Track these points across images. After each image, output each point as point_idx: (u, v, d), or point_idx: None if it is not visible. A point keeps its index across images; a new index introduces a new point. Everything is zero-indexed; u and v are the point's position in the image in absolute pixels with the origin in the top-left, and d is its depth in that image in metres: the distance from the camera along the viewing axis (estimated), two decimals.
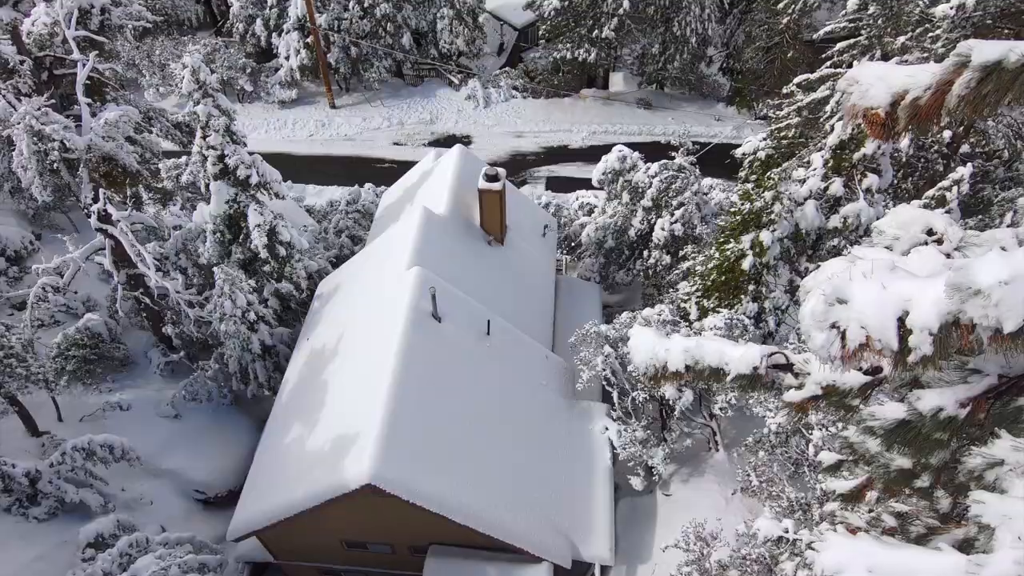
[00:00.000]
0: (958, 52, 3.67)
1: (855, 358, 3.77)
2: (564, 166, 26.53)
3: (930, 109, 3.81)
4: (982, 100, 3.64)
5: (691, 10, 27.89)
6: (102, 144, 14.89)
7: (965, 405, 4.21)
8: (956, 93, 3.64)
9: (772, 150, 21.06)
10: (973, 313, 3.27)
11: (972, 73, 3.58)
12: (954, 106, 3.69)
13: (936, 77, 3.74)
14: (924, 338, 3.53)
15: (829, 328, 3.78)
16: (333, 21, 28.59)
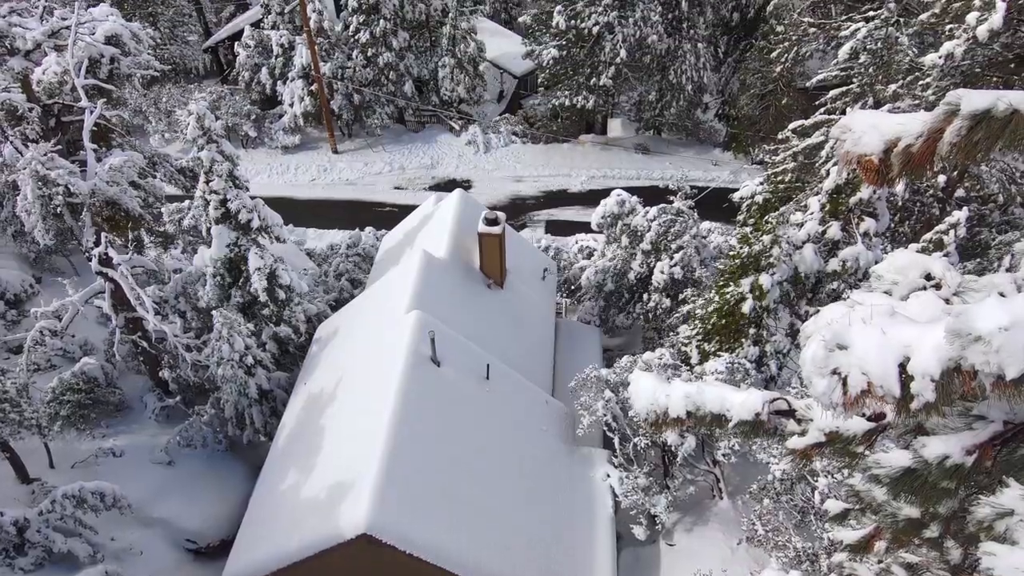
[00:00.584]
0: (948, 101, 3.73)
1: (857, 404, 3.72)
2: (563, 210, 26.79)
3: (923, 156, 3.86)
4: (973, 147, 3.69)
5: (686, 59, 28.59)
6: (106, 189, 15.06)
7: (971, 452, 4.13)
8: (948, 140, 3.69)
9: (769, 194, 21.31)
10: (974, 359, 3.25)
11: (962, 121, 3.64)
12: (946, 153, 3.73)
13: (927, 125, 3.79)
14: (926, 384, 3.50)
15: (830, 374, 3.74)
16: (337, 69, 29.28)
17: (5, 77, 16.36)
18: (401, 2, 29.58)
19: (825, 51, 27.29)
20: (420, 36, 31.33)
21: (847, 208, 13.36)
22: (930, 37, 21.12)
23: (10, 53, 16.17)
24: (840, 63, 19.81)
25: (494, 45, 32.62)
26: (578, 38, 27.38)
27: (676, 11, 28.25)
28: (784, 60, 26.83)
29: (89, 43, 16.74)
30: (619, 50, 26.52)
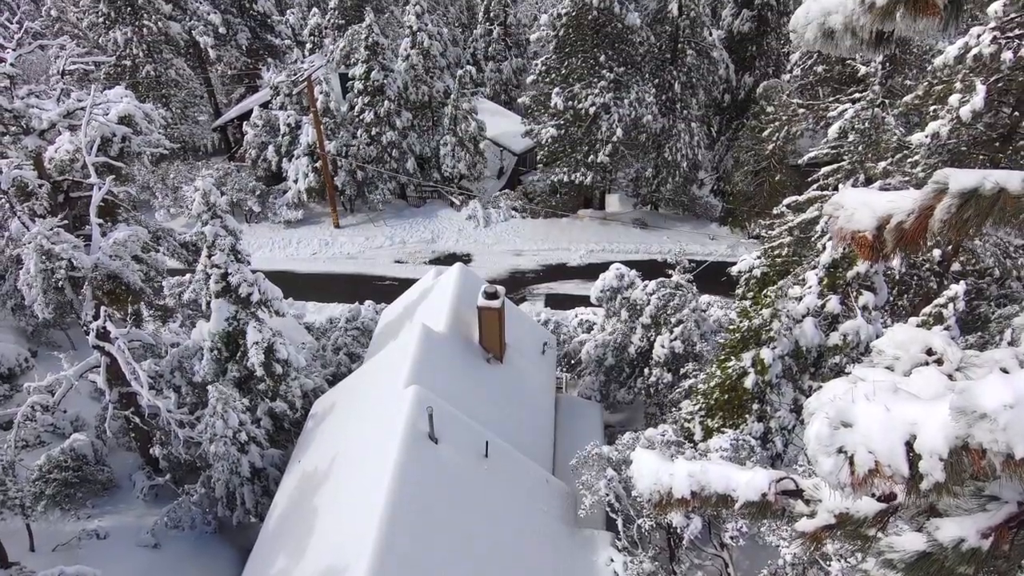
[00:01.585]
0: (936, 179, 3.80)
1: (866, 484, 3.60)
2: (563, 284, 26.95)
3: (915, 232, 3.89)
4: (964, 224, 3.73)
5: (681, 137, 29.50)
6: (109, 263, 15.19)
7: (987, 535, 3.97)
8: (939, 218, 3.73)
9: (767, 268, 21.48)
10: (982, 438, 3.17)
11: (951, 199, 3.69)
12: (938, 230, 3.76)
13: (918, 203, 3.85)
14: (935, 464, 3.40)
15: (836, 453, 3.65)
16: (342, 147, 30.15)
17: (19, 155, 16.80)
18: (405, 84, 30.80)
19: (815, 130, 28.21)
20: (423, 116, 32.45)
21: (845, 282, 13.43)
22: (915, 117, 21.85)
23: (25, 132, 16.66)
24: (830, 142, 20.40)
25: (494, 124, 33.73)
26: (576, 118, 28.34)
27: (669, 92, 29.38)
28: (775, 139, 27.69)
29: (102, 123, 17.28)
30: (615, 129, 27.40)
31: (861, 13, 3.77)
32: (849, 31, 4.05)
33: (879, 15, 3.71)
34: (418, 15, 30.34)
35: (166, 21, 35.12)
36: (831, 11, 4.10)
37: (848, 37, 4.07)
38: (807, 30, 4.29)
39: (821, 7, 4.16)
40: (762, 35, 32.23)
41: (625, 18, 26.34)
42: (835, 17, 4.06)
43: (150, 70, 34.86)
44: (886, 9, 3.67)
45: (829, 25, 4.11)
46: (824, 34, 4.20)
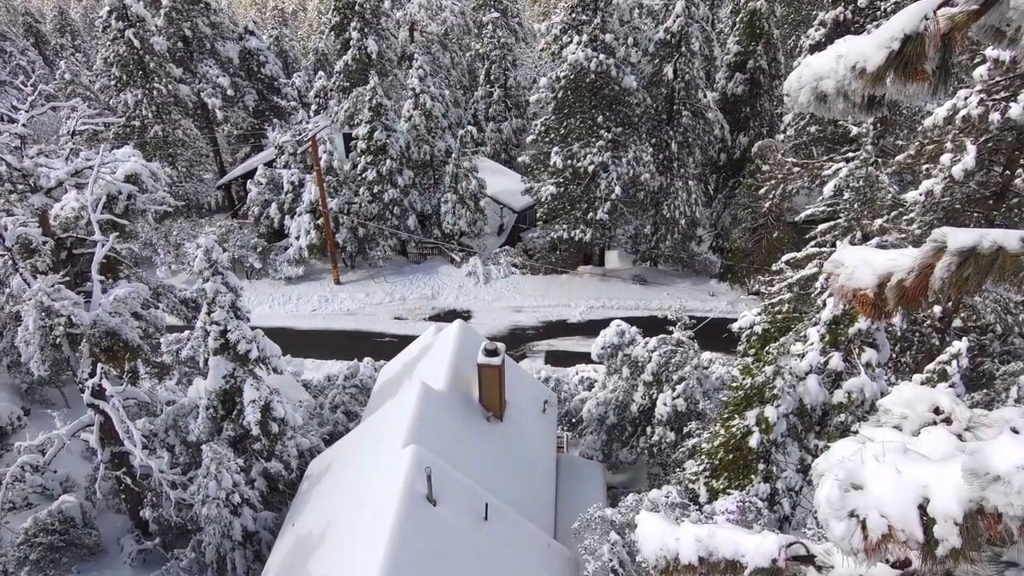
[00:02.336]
0: (934, 238, 3.81)
1: (879, 550, 3.49)
2: (563, 340, 26.84)
3: (916, 290, 3.88)
4: (965, 282, 3.72)
5: (679, 195, 29.94)
6: (108, 320, 15.15)
7: None
8: (939, 276, 3.73)
9: (768, 324, 21.42)
10: (996, 501, 3.08)
11: (951, 258, 3.70)
12: (939, 288, 3.76)
13: (917, 261, 3.85)
14: (950, 528, 3.29)
15: (847, 517, 3.54)
16: (344, 205, 30.57)
17: (25, 212, 16.99)
18: (407, 144, 31.47)
19: (810, 188, 28.67)
20: (424, 174, 33.03)
21: (847, 339, 13.36)
22: (908, 175, 22.22)
23: (33, 190, 16.90)
24: (826, 199, 20.68)
25: (494, 182, 34.29)
26: (575, 176, 28.83)
27: (667, 151, 30.00)
28: (772, 196, 28.10)
29: (109, 181, 17.55)
30: (614, 187, 27.83)
31: (852, 79, 3.86)
32: (841, 95, 4.14)
33: (870, 81, 3.80)
34: (421, 78, 31.27)
35: (176, 84, 36.17)
36: (823, 76, 4.19)
37: (840, 101, 4.16)
38: (800, 94, 4.39)
39: (813, 72, 4.26)
40: (755, 97, 33.14)
41: (622, 81, 27.13)
42: (827, 82, 4.16)
43: (158, 130, 35.69)
44: (876, 75, 3.75)
45: (822, 89, 4.21)
46: (817, 98, 4.29)
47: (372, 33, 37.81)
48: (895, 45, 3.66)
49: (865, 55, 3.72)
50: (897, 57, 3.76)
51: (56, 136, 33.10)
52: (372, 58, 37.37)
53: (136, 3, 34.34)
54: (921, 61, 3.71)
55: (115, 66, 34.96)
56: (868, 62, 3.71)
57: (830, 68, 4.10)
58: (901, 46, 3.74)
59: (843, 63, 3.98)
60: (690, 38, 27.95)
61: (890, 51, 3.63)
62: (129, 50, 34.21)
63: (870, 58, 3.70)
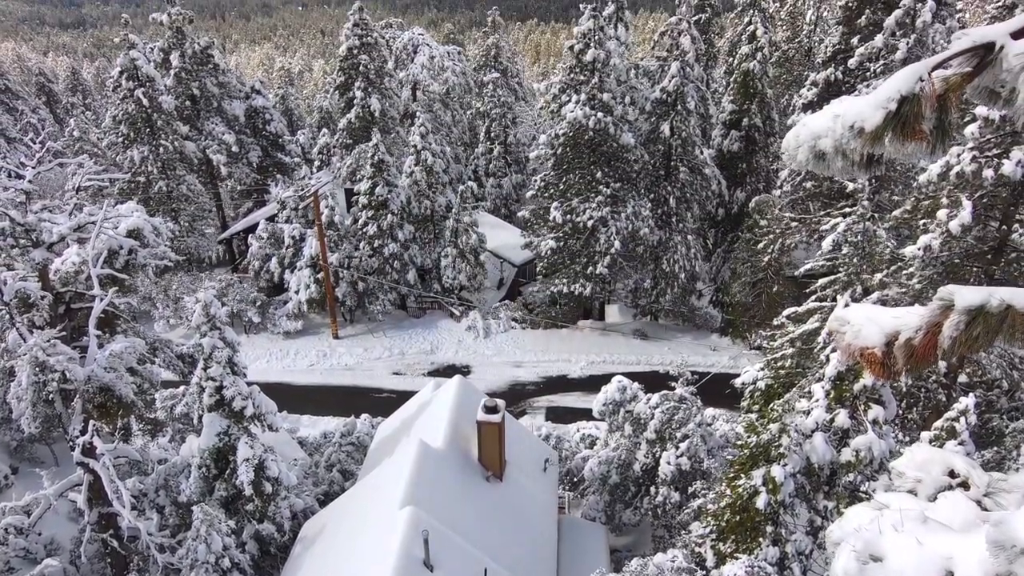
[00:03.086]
0: (941, 296, 3.74)
1: None
2: (564, 396, 26.48)
3: (925, 349, 3.78)
4: (974, 341, 3.62)
5: (678, 249, 30.09)
6: (102, 375, 14.95)
7: None
8: (947, 335, 3.64)
9: (771, 380, 21.15)
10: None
11: (959, 316, 3.61)
12: (948, 347, 3.66)
13: (924, 319, 3.76)
14: None
15: None
16: (344, 259, 30.68)
17: (25, 267, 17.00)
18: (408, 199, 31.84)
19: (808, 242, 28.85)
20: (425, 229, 33.30)
21: (852, 395, 13.14)
22: (905, 230, 22.37)
23: (35, 245, 16.95)
24: (825, 254, 20.75)
25: (494, 236, 34.53)
26: (574, 231, 29.04)
27: (665, 206, 30.31)
28: (771, 251, 28.23)
29: (111, 236, 17.62)
30: (613, 241, 27.99)
31: (851, 138, 3.86)
32: (840, 153, 4.14)
33: (869, 140, 3.80)
34: (422, 135, 31.89)
35: (182, 141, 36.88)
36: (820, 135, 4.20)
37: (839, 159, 4.15)
38: (799, 152, 4.39)
39: (810, 132, 4.27)
40: (751, 153, 33.73)
41: (620, 138, 27.64)
42: (825, 141, 4.17)
43: (163, 185, 36.18)
44: (875, 135, 3.75)
45: (820, 148, 4.21)
46: (816, 156, 4.28)
47: (376, 92, 38.80)
48: (892, 106, 3.67)
49: (863, 115, 3.73)
50: (895, 117, 3.76)
51: (62, 192, 33.53)
52: (375, 116, 38.22)
53: (147, 64, 35.35)
54: (918, 121, 3.72)
55: (123, 124, 35.71)
56: (866, 122, 3.72)
57: (827, 127, 4.12)
58: (898, 106, 3.75)
59: (840, 122, 4.00)
60: (686, 97, 28.62)
61: (887, 111, 3.64)
62: (138, 108, 35.02)
63: (868, 118, 3.71)
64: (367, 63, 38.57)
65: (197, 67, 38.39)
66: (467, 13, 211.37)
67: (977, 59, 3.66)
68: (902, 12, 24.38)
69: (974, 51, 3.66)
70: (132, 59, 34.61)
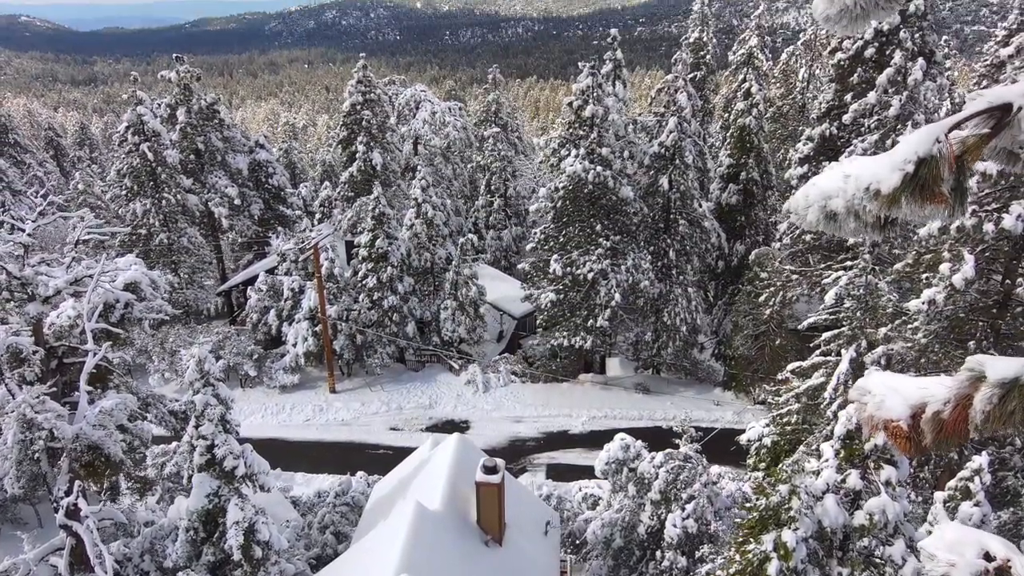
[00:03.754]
0: (970, 367, 3.51)
1: None
2: (565, 453, 25.85)
3: (955, 424, 3.53)
4: (1010, 416, 3.39)
5: (679, 302, 29.94)
6: (91, 433, 14.56)
7: None
8: (980, 409, 3.40)
9: (777, 436, 20.69)
10: None
11: (991, 390, 3.38)
12: (981, 421, 3.42)
13: (953, 391, 3.53)
14: None
15: None
16: (343, 311, 30.49)
17: (20, 320, 16.79)
18: (408, 251, 31.88)
19: (810, 295, 28.72)
20: (425, 281, 33.23)
21: (863, 455, 12.74)
22: (907, 283, 22.28)
23: (31, 299, 16.79)
24: (827, 308, 20.58)
25: (494, 288, 34.43)
26: (574, 283, 28.95)
27: (665, 259, 30.31)
28: (772, 303, 28.06)
29: (108, 290, 17.48)
30: (613, 294, 27.86)
31: (866, 200, 3.72)
32: (852, 214, 3.99)
33: (885, 202, 3.65)
34: (423, 189, 32.16)
35: (185, 194, 37.19)
36: (831, 195, 4.06)
37: (851, 220, 3.99)
38: (808, 212, 4.23)
39: (820, 191, 4.13)
40: (749, 207, 33.97)
41: (619, 191, 27.84)
42: (836, 201, 4.02)
43: (164, 238, 36.30)
44: (892, 197, 3.60)
45: (831, 208, 4.06)
46: (826, 216, 4.13)
47: (378, 147, 39.39)
48: (910, 168, 3.55)
49: (878, 177, 3.60)
50: (912, 179, 3.63)
51: (63, 244, 33.61)
52: (376, 170, 38.68)
53: (153, 119, 35.96)
54: (938, 184, 3.58)
55: (127, 177, 36.09)
56: (882, 184, 3.59)
57: (838, 187, 3.99)
58: (916, 168, 3.63)
59: (852, 183, 3.87)
60: (684, 151, 28.98)
61: (905, 173, 3.51)
62: (142, 162, 35.45)
63: (884, 180, 3.58)
64: (370, 118, 39.27)
65: (203, 122, 39.05)
66: (468, 71, 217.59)
67: (994, 120, 3.56)
68: (893, 70, 24.89)
69: (990, 112, 3.55)
70: (139, 114, 35.24)
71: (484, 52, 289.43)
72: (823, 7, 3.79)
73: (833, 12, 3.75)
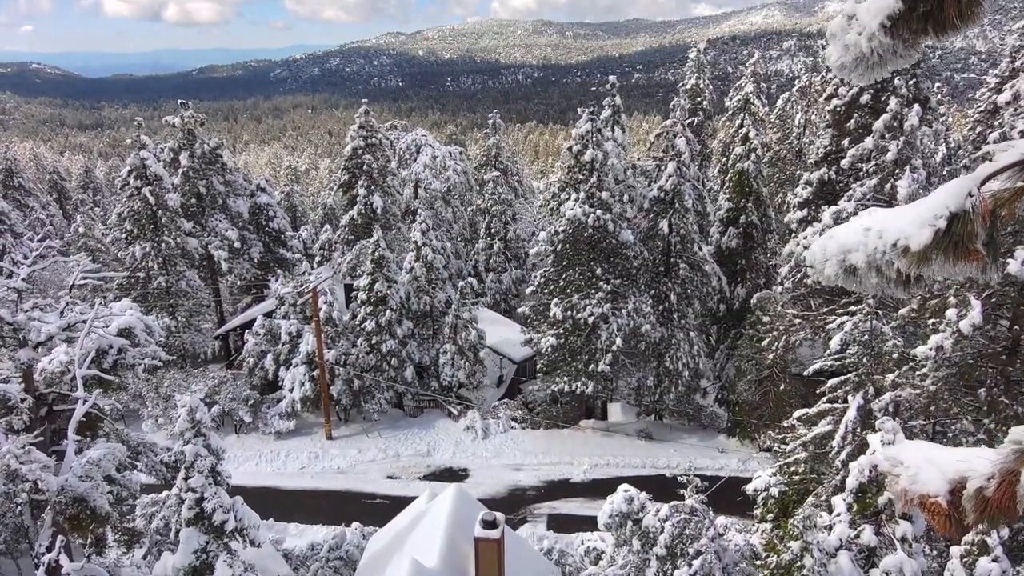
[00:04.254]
0: (1016, 439, 3.24)
1: None
2: (566, 502, 25.11)
3: (1002, 501, 3.23)
4: None
5: (680, 346, 29.58)
6: (77, 485, 14.09)
7: None
8: None
9: (785, 486, 20.11)
10: None
11: None
12: None
13: (997, 466, 3.25)
14: None
15: None
16: (341, 356, 30.08)
17: (10, 367, 16.44)
18: (407, 295, 31.66)
19: (813, 339, 28.38)
20: (423, 325, 32.92)
21: (877, 509, 12.28)
22: (912, 328, 21.99)
23: (22, 344, 16.47)
24: (832, 354, 20.25)
25: (494, 332, 34.08)
26: (575, 327, 28.64)
27: (666, 303, 30.07)
28: (775, 348, 27.69)
29: (101, 335, 17.18)
30: (615, 338, 27.53)
31: (892, 256, 3.49)
32: (874, 269, 3.76)
33: (915, 260, 3.42)
34: (423, 232, 32.15)
35: (184, 237, 37.18)
36: (851, 249, 3.83)
37: (873, 276, 3.76)
38: (826, 266, 4.00)
39: (839, 245, 3.90)
40: (749, 250, 33.92)
41: (619, 235, 27.79)
42: (856, 255, 3.79)
43: (162, 281, 36.13)
44: (922, 255, 3.37)
45: (850, 262, 3.83)
46: (846, 271, 3.90)
47: (378, 190, 39.59)
48: (941, 223, 3.33)
49: (906, 232, 3.39)
50: (945, 236, 3.40)
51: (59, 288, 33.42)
52: (377, 213, 38.79)
53: (156, 163, 36.21)
54: (972, 240, 3.36)
55: (128, 220, 36.14)
56: (911, 240, 3.37)
57: (858, 241, 3.78)
58: (948, 224, 3.40)
59: (875, 237, 3.66)
60: (683, 196, 29.05)
61: (936, 229, 3.30)
62: (144, 206, 35.54)
63: (913, 236, 3.36)
64: (371, 162, 39.58)
65: (205, 166, 39.33)
66: (469, 116, 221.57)
67: None
68: (889, 116, 25.10)
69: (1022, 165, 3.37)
70: (142, 159, 35.49)
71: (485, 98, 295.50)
72: (838, 55, 3.61)
73: (848, 60, 3.57)
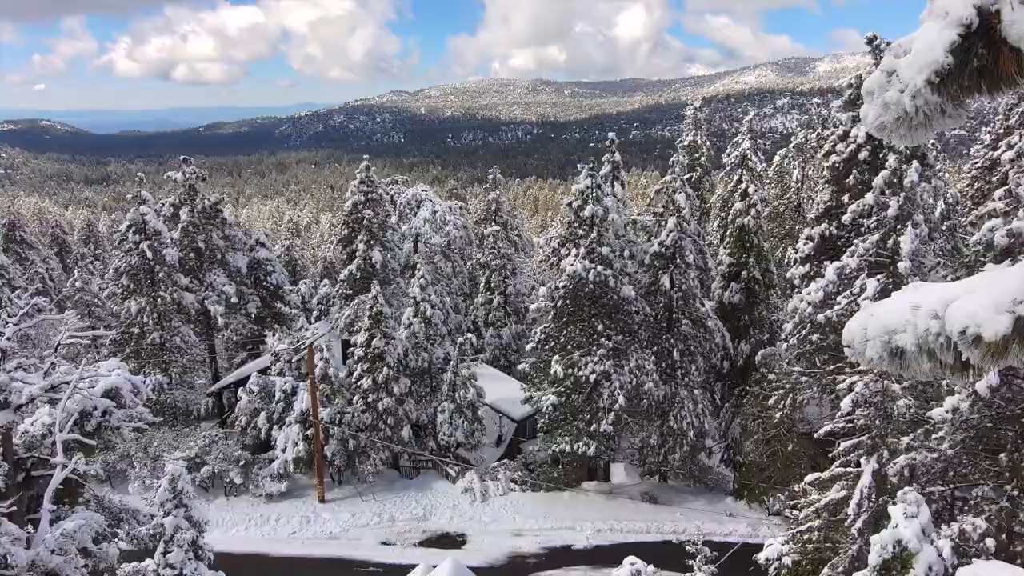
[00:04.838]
0: None
1: None
2: (568, 571, 23.88)
3: None
4: None
5: (684, 405, 28.83)
6: (48, 560, 13.25)
7: None
8: None
9: (798, 555, 19.23)
10: None
11: None
12: None
13: None
14: None
15: None
16: (336, 414, 29.27)
17: None
18: (405, 351, 31.05)
19: (820, 398, 27.65)
20: (421, 382, 32.19)
21: None
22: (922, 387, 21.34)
23: (2, 407, 15.82)
24: (843, 415, 19.59)
25: (493, 389, 33.32)
26: (576, 385, 27.96)
27: (669, 360, 29.46)
28: (782, 407, 26.93)
29: (85, 396, 16.54)
30: (617, 396, 26.82)
31: (964, 347, 3.02)
32: (925, 353, 3.30)
33: (990, 351, 2.96)
34: (422, 287, 31.79)
35: (181, 292, 36.77)
36: (896, 329, 3.37)
37: (925, 360, 3.30)
38: (868, 348, 3.53)
39: (882, 324, 3.44)
40: (752, 305, 33.50)
41: (620, 290, 27.42)
42: (904, 336, 3.34)
43: (156, 337, 35.54)
44: (1000, 345, 2.92)
45: (897, 344, 3.37)
46: (891, 354, 3.44)
47: (378, 245, 39.45)
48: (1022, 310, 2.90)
49: (977, 318, 2.94)
50: None
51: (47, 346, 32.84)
52: (376, 268, 38.53)
53: (155, 219, 36.14)
54: None
55: (125, 275, 35.82)
56: (984, 328, 2.93)
57: (904, 320, 3.34)
58: None
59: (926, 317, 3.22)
60: (684, 251, 28.84)
61: (1016, 316, 2.85)
62: (141, 260, 35.28)
63: (986, 323, 2.92)
64: (371, 217, 39.57)
65: (205, 221, 39.27)
66: (469, 171, 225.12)
67: None
68: (889, 172, 25.08)
69: None
70: (142, 214, 35.43)
71: (485, 153, 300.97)
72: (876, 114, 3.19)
73: (889, 120, 3.15)
